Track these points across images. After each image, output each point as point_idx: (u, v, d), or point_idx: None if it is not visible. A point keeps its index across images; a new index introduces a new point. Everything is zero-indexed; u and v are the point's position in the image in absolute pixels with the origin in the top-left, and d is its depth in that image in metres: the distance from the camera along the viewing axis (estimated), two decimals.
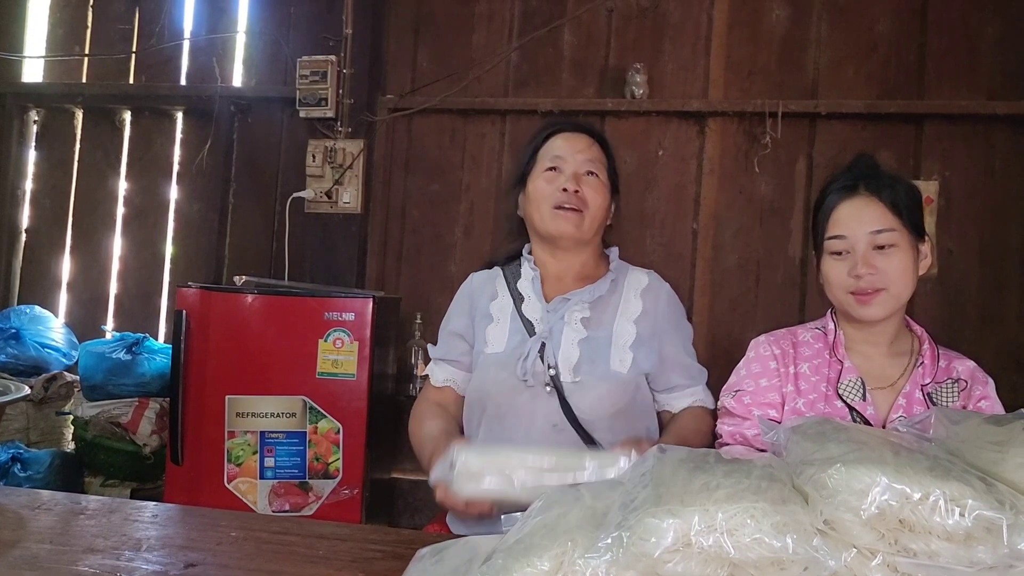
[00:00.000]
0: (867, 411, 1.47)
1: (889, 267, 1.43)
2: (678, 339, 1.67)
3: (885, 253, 1.44)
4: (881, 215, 1.45)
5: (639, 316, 1.64)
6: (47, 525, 1.41)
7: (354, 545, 1.38)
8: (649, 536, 0.83)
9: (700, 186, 3.43)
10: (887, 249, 1.44)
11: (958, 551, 0.80)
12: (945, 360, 1.51)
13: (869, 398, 1.48)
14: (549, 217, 1.65)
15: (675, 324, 1.68)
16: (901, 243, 1.44)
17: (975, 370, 1.50)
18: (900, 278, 1.43)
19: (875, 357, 1.52)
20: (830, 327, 1.57)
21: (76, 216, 4.01)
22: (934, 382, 1.48)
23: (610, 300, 1.65)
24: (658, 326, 1.64)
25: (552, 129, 1.74)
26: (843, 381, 1.49)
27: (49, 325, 3.75)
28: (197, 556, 1.29)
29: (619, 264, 1.74)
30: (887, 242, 1.44)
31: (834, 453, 0.88)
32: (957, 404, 1.44)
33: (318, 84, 3.45)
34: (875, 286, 1.44)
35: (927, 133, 3.25)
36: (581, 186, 1.66)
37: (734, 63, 3.45)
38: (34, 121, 4.07)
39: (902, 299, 1.46)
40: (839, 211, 1.49)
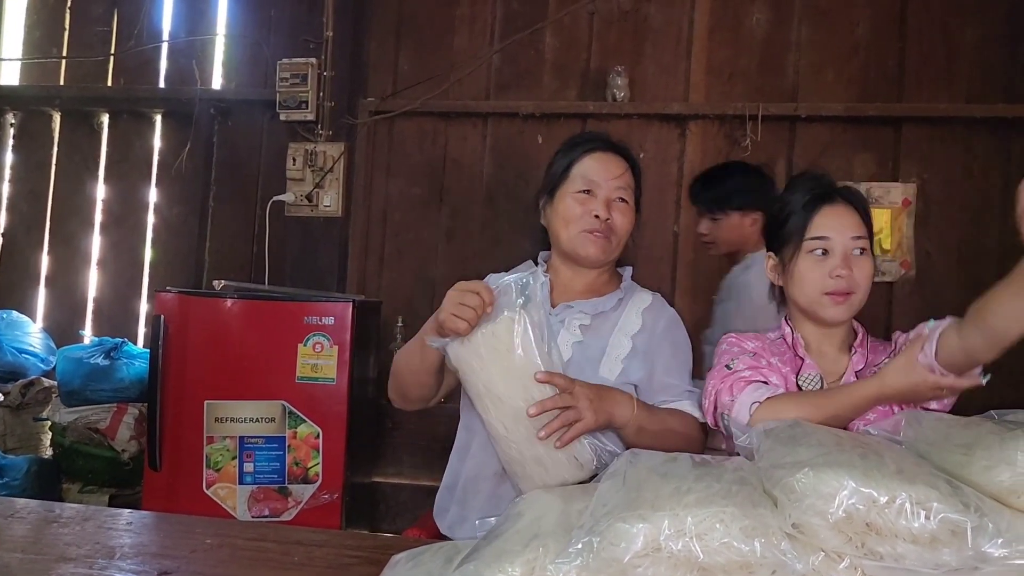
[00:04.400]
0: None
1: (860, 273, 1.50)
2: (670, 360, 1.64)
3: (859, 259, 1.51)
4: (857, 223, 1.52)
5: (637, 332, 1.65)
6: (20, 534, 1.39)
7: (330, 551, 1.37)
8: (619, 541, 0.83)
9: (681, 189, 3.44)
10: (862, 255, 1.51)
11: (924, 553, 0.80)
12: (872, 353, 1.57)
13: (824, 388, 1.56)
14: (578, 240, 1.67)
15: (671, 345, 1.66)
16: (868, 252, 1.52)
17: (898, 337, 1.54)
18: (866, 284, 1.51)
19: (830, 355, 1.59)
20: (787, 331, 1.62)
21: (54, 220, 3.97)
22: (869, 366, 1.54)
23: (611, 315, 1.67)
24: (653, 343, 1.64)
25: (588, 147, 1.73)
26: (803, 375, 1.56)
27: (26, 330, 3.72)
28: (171, 564, 1.28)
29: (629, 284, 1.74)
30: (862, 248, 1.51)
31: (803, 457, 0.89)
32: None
33: (298, 87, 3.43)
34: (849, 288, 1.50)
35: (906, 136, 3.28)
36: (612, 212, 1.66)
37: (715, 66, 3.46)
38: (10, 124, 4.03)
39: (862, 303, 1.54)
40: (822, 215, 1.54)
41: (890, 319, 3.18)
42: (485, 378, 1.41)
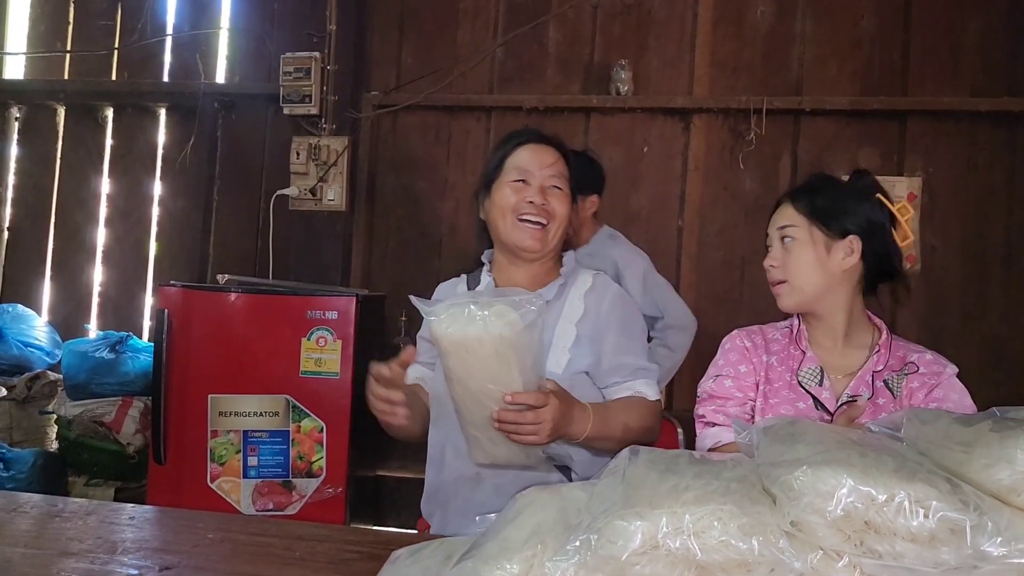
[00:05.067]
0: (822, 395, 1.55)
1: (790, 260, 1.53)
2: (619, 339, 1.63)
3: (786, 247, 1.54)
4: (790, 215, 1.55)
5: (580, 318, 1.64)
6: (22, 528, 1.40)
7: (332, 546, 1.37)
8: (617, 539, 0.83)
9: (685, 183, 3.44)
10: (788, 243, 1.54)
11: (923, 552, 0.80)
12: (903, 351, 1.56)
13: (826, 383, 1.56)
14: (512, 228, 1.67)
15: (619, 322, 1.65)
16: (802, 238, 1.52)
17: (933, 362, 1.54)
18: (799, 271, 1.53)
19: (833, 348, 1.59)
20: (795, 323, 1.64)
21: (59, 214, 3.99)
22: (888, 370, 1.54)
23: (555, 304, 1.66)
24: (599, 326, 1.64)
25: (520, 139, 1.75)
26: (803, 369, 1.58)
27: (32, 324, 3.73)
28: (173, 559, 1.28)
29: (571, 269, 1.72)
30: (790, 236, 1.54)
31: (802, 455, 0.88)
32: (907, 390, 1.51)
33: (302, 81, 3.43)
34: (777, 279, 1.56)
35: (911, 129, 3.27)
36: (547, 198, 1.67)
37: (719, 60, 3.45)
38: (15, 118, 4.04)
39: (806, 290, 1.54)
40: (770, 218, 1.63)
41: (895, 313, 3.17)
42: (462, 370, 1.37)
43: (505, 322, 1.31)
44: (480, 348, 1.32)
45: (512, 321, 1.31)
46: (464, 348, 1.33)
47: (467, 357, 1.34)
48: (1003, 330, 3.15)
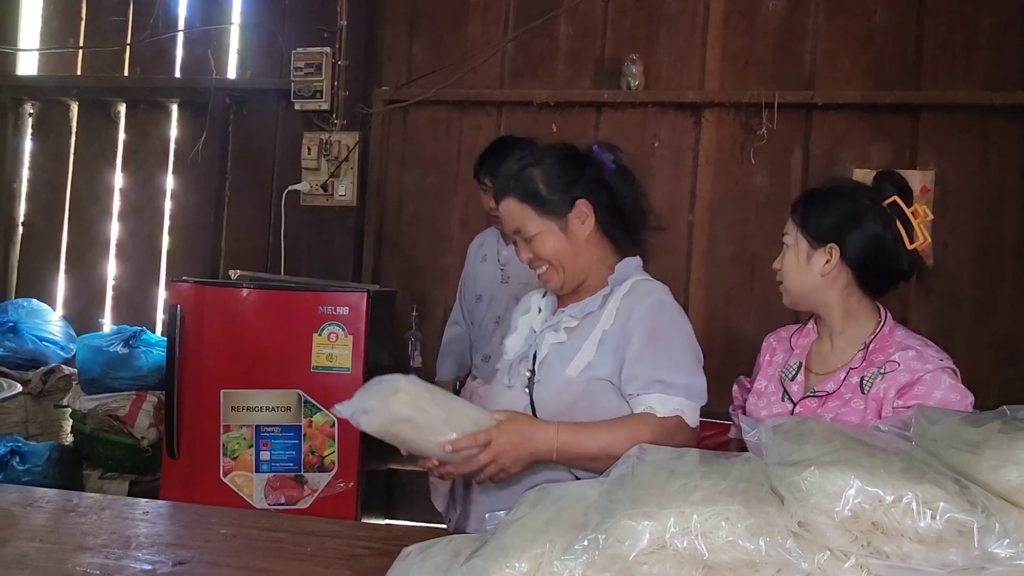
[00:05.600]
0: (792, 388, 1.68)
1: (783, 264, 1.68)
2: (641, 348, 1.55)
3: (783, 253, 1.69)
4: (788, 223, 1.69)
5: (612, 324, 1.60)
6: (39, 523, 1.42)
7: (343, 542, 1.39)
8: (625, 538, 0.84)
9: (696, 178, 3.43)
10: (783, 249, 1.69)
11: (930, 553, 0.80)
12: (893, 348, 1.61)
13: (799, 378, 1.68)
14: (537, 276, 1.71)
15: (646, 330, 1.57)
16: (791, 244, 1.66)
17: (915, 359, 1.57)
18: (788, 273, 1.67)
19: (827, 344, 1.70)
20: (808, 323, 1.75)
21: (72, 209, 4.02)
22: (869, 365, 1.60)
23: (598, 314, 1.62)
24: (625, 333, 1.57)
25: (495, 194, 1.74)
26: (787, 364, 1.72)
27: (47, 318, 3.76)
28: (186, 554, 1.30)
29: (619, 276, 1.65)
30: (784, 243, 1.69)
31: (810, 455, 0.89)
32: (880, 385, 1.56)
33: (313, 76, 3.44)
34: (778, 279, 1.71)
35: (923, 124, 3.25)
36: (531, 249, 1.65)
37: (730, 54, 3.43)
38: (29, 114, 4.06)
39: (792, 291, 1.68)
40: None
41: (907, 309, 3.15)
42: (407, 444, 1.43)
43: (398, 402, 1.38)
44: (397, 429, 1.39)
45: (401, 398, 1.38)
46: (389, 434, 1.39)
47: (398, 438, 1.40)
48: (1015, 326, 3.13)
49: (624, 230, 1.68)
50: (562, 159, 1.66)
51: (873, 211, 1.62)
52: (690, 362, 1.57)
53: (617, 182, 1.67)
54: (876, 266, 1.63)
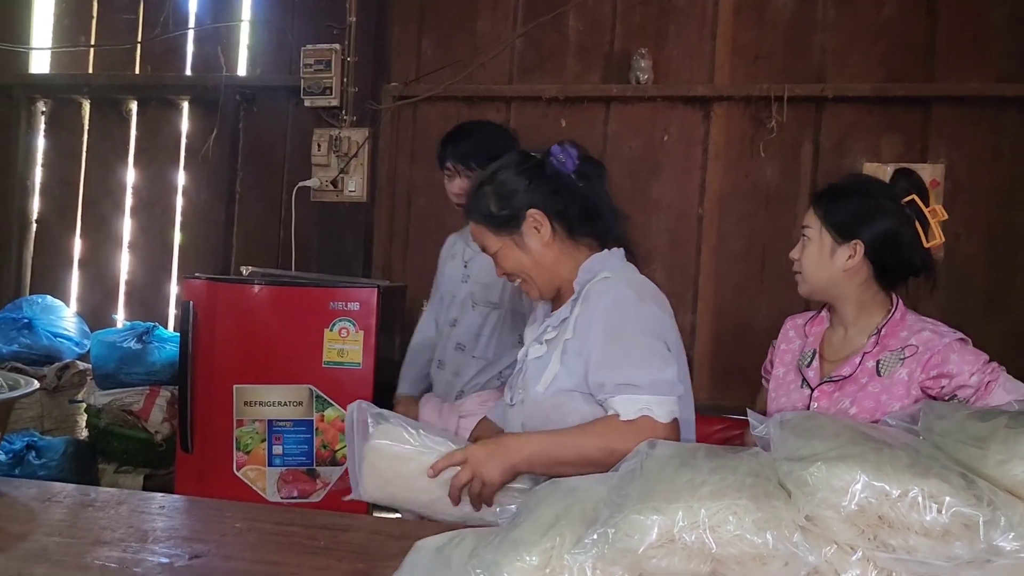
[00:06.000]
0: (808, 374, 1.75)
1: (803, 255, 1.73)
2: (602, 352, 1.52)
3: (803, 243, 1.74)
4: (809, 216, 1.74)
5: (573, 332, 1.57)
6: (57, 517, 1.44)
7: (355, 535, 1.41)
8: (634, 532, 0.85)
9: (705, 172, 3.42)
10: (804, 241, 1.74)
11: (936, 547, 0.81)
12: (907, 332, 1.69)
13: (815, 364, 1.75)
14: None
15: (603, 332, 1.53)
16: (814, 238, 1.71)
17: (930, 338, 1.65)
18: (808, 266, 1.72)
19: (840, 332, 1.76)
20: (821, 311, 1.83)
21: (85, 206, 4.05)
22: (882, 349, 1.67)
23: (568, 319, 1.60)
24: (587, 339, 1.54)
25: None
26: (802, 352, 1.79)
27: (61, 315, 3.80)
28: (202, 547, 1.32)
29: (584, 279, 1.62)
30: (805, 235, 1.73)
31: (817, 450, 0.90)
32: (901, 370, 1.63)
33: (322, 73, 3.45)
34: (795, 269, 1.77)
35: (935, 116, 3.23)
36: (498, 265, 1.66)
37: (740, 47, 3.43)
38: (42, 112, 4.10)
39: (811, 283, 1.74)
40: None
41: (917, 302, 3.14)
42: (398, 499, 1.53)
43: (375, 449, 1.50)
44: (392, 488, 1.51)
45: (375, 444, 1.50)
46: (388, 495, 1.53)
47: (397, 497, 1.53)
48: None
49: (591, 227, 1.64)
50: (512, 171, 1.64)
51: (896, 210, 1.69)
52: (653, 356, 1.51)
53: (580, 180, 1.64)
54: (894, 263, 1.70)
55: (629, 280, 1.62)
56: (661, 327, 1.58)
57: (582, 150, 1.66)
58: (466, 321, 2.36)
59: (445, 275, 2.57)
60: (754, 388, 3.26)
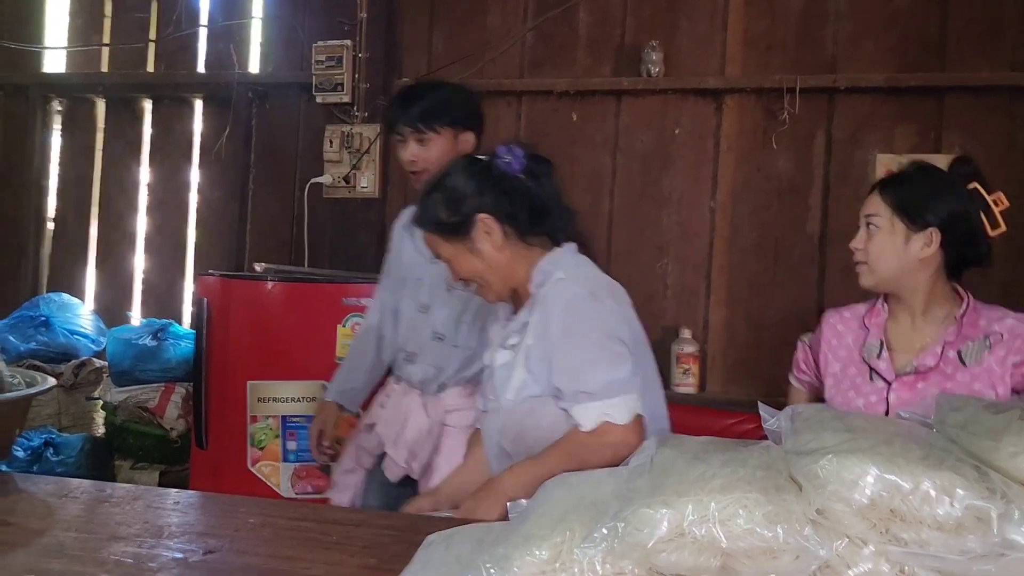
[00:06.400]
0: (880, 366, 1.70)
1: (871, 245, 1.67)
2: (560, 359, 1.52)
3: (870, 233, 1.68)
4: (876, 204, 1.69)
5: (533, 338, 1.57)
6: (73, 513, 1.45)
7: (367, 531, 1.41)
8: (643, 526, 0.85)
9: (717, 164, 3.41)
10: (872, 230, 1.68)
11: (949, 540, 0.81)
12: (985, 320, 1.68)
13: (884, 355, 1.70)
14: None
15: (560, 338, 1.53)
16: (884, 227, 1.66)
17: (1016, 326, 1.66)
18: (879, 256, 1.66)
19: (910, 325, 1.72)
20: (878, 300, 1.78)
21: (101, 204, 4.08)
22: (963, 339, 1.66)
23: (528, 323, 1.59)
24: (547, 344, 1.54)
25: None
26: (866, 344, 1.73)
27: (77, 312, 3.83)
28: (216, 543, 1.33)
29: (539, 281, 1.61)
30: (873, 224, 1.68)
31: (828, 443, 0.89)
32: (988, 357, 1.63)
33: (334, 69, 3.46)
34: (859, 260, 1.71)
35: (949, 106, 3.20)
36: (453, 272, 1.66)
37: (751, 38, 3.40)
38: (57, 111, 4.13)
39: (882, 274, 1.68)
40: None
41: None
42: None
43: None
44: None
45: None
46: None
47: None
48: None
49: (542, 226, 1.64)
50: (460, 176, 1.64)
51: (968, 198, 1.66)
52: (607, 356, 1.50)
53: (528, 179, 1.63)
54: (966, 252, 1.68)
55: (582, 277, 1.60)
56: (616, 322, 1.57)
57: (528, 149, 1.65)
58: (442, 307, 2.09)
59: (404, 253, 2.23)
60: (769, 381, 3.26)
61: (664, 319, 3.40)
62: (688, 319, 3.36)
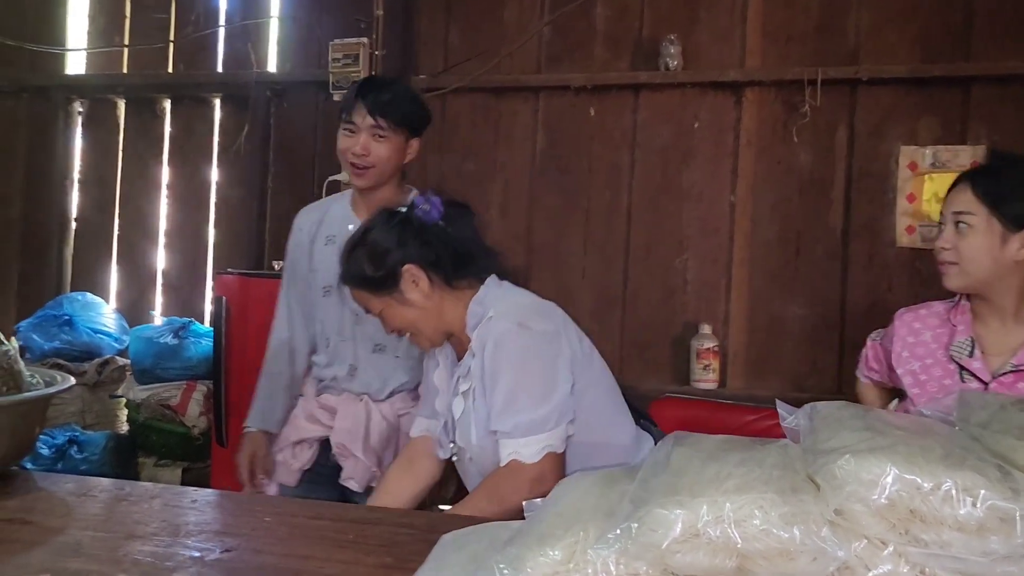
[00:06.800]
0: (973, 365, 1.63)
1: (963, 245, 1.58)
2: (499, 400, 1.57)
3: (960, 232, 1.59)
4: (967, 200, 1.59)
5: (476, 381, 1.61)
6: (92, 512, 1.46)
7: (383, 529, 1.41)
8: (657, 527, 0.83)
9: (737, 158, 3.38)
10: (962, 229, 1.59)
11: (971, 541, 0.79)
12: None
13: (977, 354, 1.64)
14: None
15: (496, 376, 1.58)
16: (978, 226, 1.57)
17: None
18: (972, 256, 1.58)
19: (999, 326, 1.65)
20: (960, 300, 1.71)
21: (122, 204, 4.12)
22: None
23: (471, 367, 1.63)
24: (484, 385, 1.60)
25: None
26: (954, 343, 1.66)
27: (100, 311, 3.87)
28: (233, 541, 1.33)
29: (473, 324, 1.64)
30: (965, 223, 1.59)
31: (847, 442, 0.87)
32: None
33: (351, 67, 3.46)
34: (947, 260, 1.62)
35: (974, 96, 3.15)
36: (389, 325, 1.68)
37: (771, 30, 3.37)
38: (79, 112, 4.17)
39: (974, 275, 1.60)
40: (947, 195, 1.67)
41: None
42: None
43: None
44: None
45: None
46: None
47: None
48: None
49: (466, 270, 1.67)
50: (381, 230, 1.66)
51: None
52: (526, 396, 1.55)
53: (448, 225, 1.66)
54: None
55: (510, 309, 1.62)
56: (544, 347, 1.60)
57: (445, 195, 1.69)
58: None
59: (326, 262, 2.07)
60: (791, 376, 3.23)
61: (684, 314, 3.38)
62: (708, 314, 3.33)
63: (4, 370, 1.50)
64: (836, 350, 3.21)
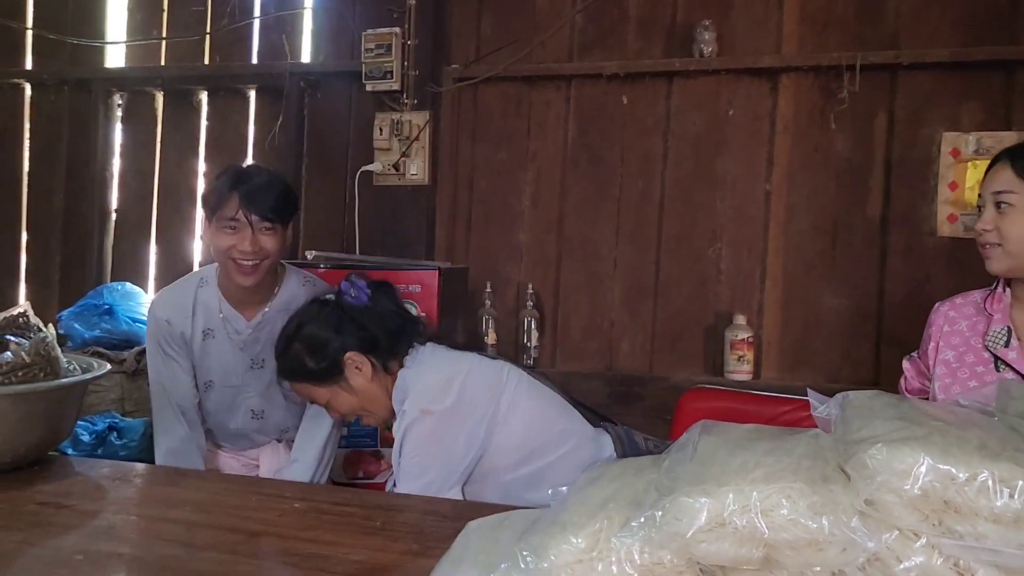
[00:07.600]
0: (1008, 356, 1.59)
1: (1005, 225, 1.53)
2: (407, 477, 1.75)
3: (1002, 212, 1.54)
4: (1008, 179, 1.54)
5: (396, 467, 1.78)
6: (126, 496, 1.49)
7: (411, 516, 1.42)
8: (682, 516, 0.82)
9: (773, 146, 3.32)
10: (1004, 208, 1.54)
11: (1006, 533, 0.76)
12: None
13: (1014, 343, 1.59)
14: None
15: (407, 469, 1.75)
16: (1021, 204, 1.52)
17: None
18: (1017, 238, 1.53)
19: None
20: (998, 287, 1.67)
21: (160, 196, 4.17)
22: None
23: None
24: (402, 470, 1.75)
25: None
26: (990, 332, 1.62)
27: (139, 301, 3.93)
28: (261, 526, 1.34)
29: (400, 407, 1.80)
30: (1006, 202, 1.54)
31: (879, 431, 0.85)
32: None
33: (383, 57, 3.47)
34: (990, 241, 1.57)
35: (1019, 80, 3.06)
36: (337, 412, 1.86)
37: (808, 15, 3.30)
38: (118, 104, 4.23)
39: (1019, 255, 1.55)
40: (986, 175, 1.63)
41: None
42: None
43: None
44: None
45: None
46: None
47: None
48: None
49: (397, 347, 1.75)
50: (316, 323, 1.72)
51: None
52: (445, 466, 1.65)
53: (376, 306, 1.74)
54: None
55: (418, 394, 1.68)
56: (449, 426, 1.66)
57: (366, 278, 1.76)
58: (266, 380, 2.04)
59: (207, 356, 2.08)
60: (826, 367, 3.17)
61: (718, 305, 3.34)
62: (742, 305, 3.29)
63: (42, 357, 1.54)
64: (873, 341, 3.14)
